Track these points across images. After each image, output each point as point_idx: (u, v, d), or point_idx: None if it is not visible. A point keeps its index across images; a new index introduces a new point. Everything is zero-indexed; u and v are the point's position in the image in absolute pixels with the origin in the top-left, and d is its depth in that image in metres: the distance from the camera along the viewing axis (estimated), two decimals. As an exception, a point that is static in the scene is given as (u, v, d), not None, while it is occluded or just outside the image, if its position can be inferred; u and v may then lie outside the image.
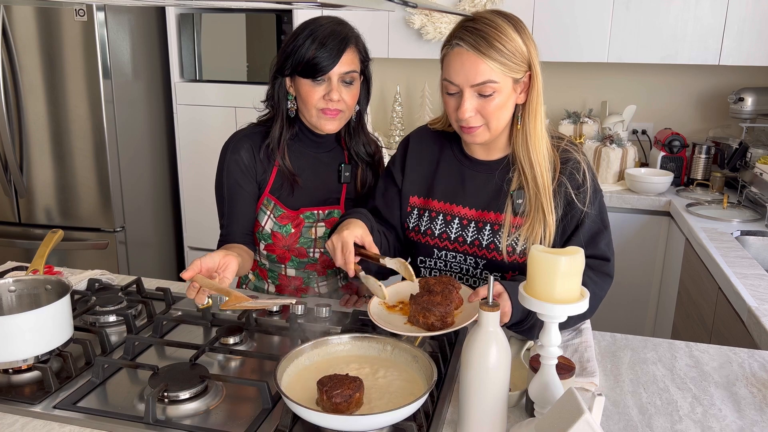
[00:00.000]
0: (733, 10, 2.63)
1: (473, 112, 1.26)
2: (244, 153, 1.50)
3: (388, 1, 1.06)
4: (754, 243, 2.28)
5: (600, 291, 1.33)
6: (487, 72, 1.22)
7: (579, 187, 1.33)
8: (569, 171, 1.33)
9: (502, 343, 0.94)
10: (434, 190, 1.42)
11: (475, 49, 1.21)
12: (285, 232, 1.51)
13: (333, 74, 1.40)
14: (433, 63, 3.27)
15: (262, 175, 1.52)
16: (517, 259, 1.33)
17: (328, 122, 1.45)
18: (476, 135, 1.30)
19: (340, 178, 1.56)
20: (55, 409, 1.05)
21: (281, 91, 1.48)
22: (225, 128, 3.09)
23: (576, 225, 1.33)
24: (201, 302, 1.18)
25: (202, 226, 3.30)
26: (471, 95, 1.24)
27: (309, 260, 1.56)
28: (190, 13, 3.11)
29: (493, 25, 1.22)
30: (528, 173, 1.31)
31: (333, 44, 1.38)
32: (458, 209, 1.39)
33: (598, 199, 1.36)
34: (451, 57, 1.25)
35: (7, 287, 1.23)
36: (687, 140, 2.90)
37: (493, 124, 1.28)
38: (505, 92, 1.25)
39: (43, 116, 2.85)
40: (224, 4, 1.25)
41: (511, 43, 1.22)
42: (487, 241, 1.35)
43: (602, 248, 1.34)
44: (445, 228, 1.39)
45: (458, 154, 1.42)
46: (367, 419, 0.93)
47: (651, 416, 1.08)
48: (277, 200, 1.51)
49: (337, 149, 1.58)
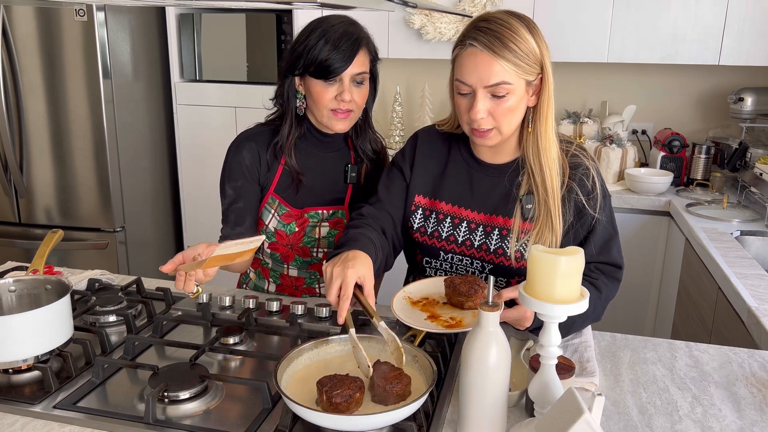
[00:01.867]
0: (733, 10, 2.63)
1: (485, 114, 1.24)
2: (246, 153, 1.50)
3: (388, 1, 1.06)
4: (754, 243, 2.28)
5: (610, 294, 1.33)
6: (501, 73, 1.20)
7: (589, 193, 1.32)
8: (579, 177, 1.32)
9: (502, 343, 0.94)
10: (442, 192, 1.40)
11: (489, 49, 1.19)
12: (289, 231, 1.51)
13: (345, 75, 1.40)
14: (433, 63, 3.30)
15: (266, 175, 1.51)
16: (524, 265, 1.32)
17: (338, 122, 1.45)
18: (488, 138, 1.28)
19: (346, 178, 1.56)
20: (55, 409, 1.05)
21: (290, 90, 1.48)
22: (225, 128, 3.09)
23: (587, 232, 1.33)
24: (190, 290, 1.18)
25: (202, 226, 3.30)
26: (484, 96, 1.23)
27: (312, 260, 1.55)
28: (190, 13, 3.11)
29: (507, 25, 1.20)
30: (537, 177, 1.30)
31: (346, 46, 1.38)
32: (466, 213, 1.37)
33: (607, 205, 1.35)
34: (464, 57, 1.23)
35: (7, 287, 1.23)
36: (687, 140, 2.90)
37: (505, 126, 1.26)
38: (517, 94, 1.23)
39: (43, 116, 2.85)
40: (224, 4, 1.25)
41: (525, 44, 1.21)
42: (495, 246, 1.34)
43: (614, 255, 1.35)
44: (452, 231, 1.38)
45: (467, 156, 1.40)
46: (367, 419, 0.93)
47: (651, 416, 1.08)
48: (281, 199, 1.51)
49: (344, 149, 1.58)
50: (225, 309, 1.44)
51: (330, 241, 1.53)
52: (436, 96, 3.28)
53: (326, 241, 1.53)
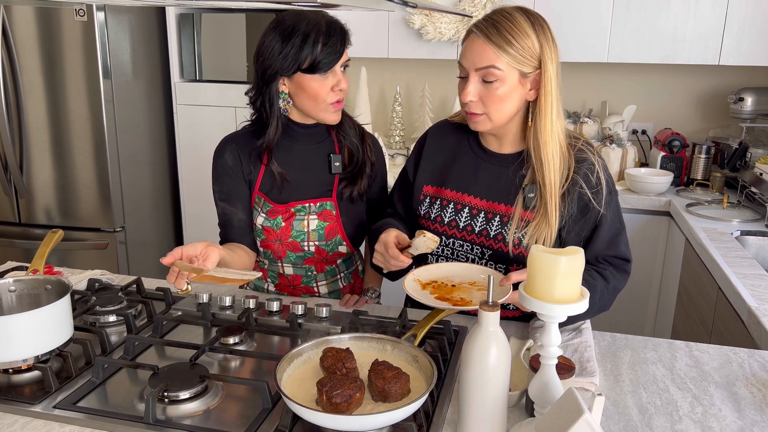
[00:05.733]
0: (733, 10, 2.63)
1: (475, 97, 1.30)
2: (228, 155, 1.53)
3: (388, 1, 1.07)
4: (754, 243, 2.28)
5: (618, 285, 1.36)
6: (491, 58, 1.26)
7: (593, 188, 1.34)
8: (584, 172, 1.34)
9: (502, 343, 0.94)
10: (448, 180, 1.45)
11: (485, 35, 1.27)
12: (275, 226, 1.51)
13: (338, 65, 1.43)
14: (433, 63, 3.29)
15: (250, 174, 1.53)
16: (522, 252, 1.35)
17: (335, 114, 1.49)
18: (478, 122, 1.34)
19: (330, 168, 1.56)
20: (55, 409, 1.05)
21: (274, 93, 1.46)
22: (225, 128, 3.07)
23: (593, 226, 1.36)
24: (180, 287, 1.20)
25: (202, 226, 3.30)
26: (475, 79, 1.29)
27: (305, 254, 1.55)
28: (190, 13, 3.11)
29: (509, 18, 1.27)
30: (538, 171, 1.33)
31: (336, 36, 1.41)
32: (469, 199, 1.41)
33: (614, 201, 1.38)
34: (465, 43, 1.32)
35: (7, 287, 1.23)
36: (687, 140, 2.90)
37: (494, 113, 1.31)
38: (508, 83, 1.28)
39: (43, 116, 2.85)
40: (224, 4, 1.25)
41: (523, 37, 1.26)
42: (495, 232, 1.38)
43: (622, 249, 1.38)
44: (454, 216, 1.42)
45: (474, 146, 1.45)
46: (367, 419, 0.93)
47: (651, 416, 1.08)
48: (266, 197, 1.52)
49: (326, 140, 1.57)
50: (225, 309, 1.44)
51: (320, 234, 1.53)
52: (436, 96, 3.28)
53: (316, 234, 1.53)
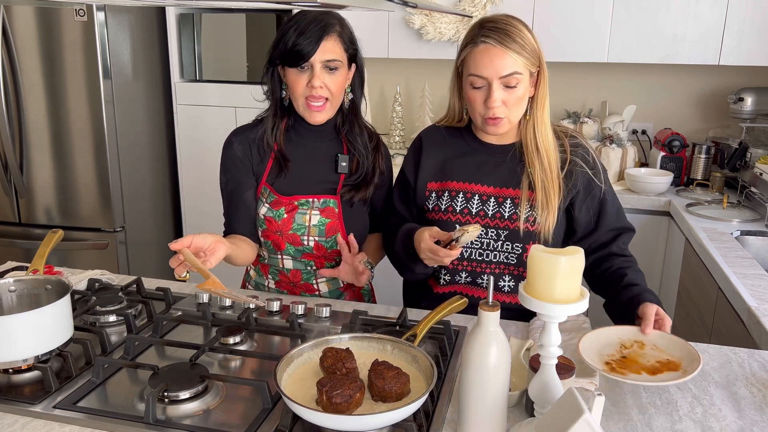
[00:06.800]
0: (733, 10, 2.63)
1: (500, 103, 1.37)
2: (237, 146, 1.56)
3: (388, 1, 1.06)
4: (754, 243, 2.28)
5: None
6: (513, 64, 1.35)
7: (592, 167, 1.47)
8: (580, 154, 1.48)
9: (502, 343, 0.94)
10: (451, 173, 1.50)
11: (501, 44, 1.34)
12: (277, 217, 1.52)
13: (315, 61, 1.43)
14: (433, 63, 3.29)
15: (259, 166, 1.55)
16: (538, 229, 1.43)
17: (313, 114, 1.48)
18: (500, 126, 1.41)
19: (336, 167, 1.56)
20: (55, 409, 1.05)
21: (275, 81, 1.53)
22: (225, 128, 3.06)
23: (600, 203, 1.48)
24: (180, 274, 1.22)
25: (202, 226, 3.29)
26: (498, 87, 1.36)
27: (304, 248, 1.55)
28: (190, 13, 3.10)
29: (511, 24, 1.36)
30: (536, 159, 1.43)
31: (313, 31, 1.41)
32: (477, 187, 1.48)
33: (608, 178, 1.52)
34: (476, 54, 1.36)
35: (7, 287, 1.23)
36: (687, 140, 2.90)
37: (514, 114, 1.40)
38: (525, 84, 1.38)
39: (43, 116, 2.85)
40: (224, 4, 1.25)
41: (527, 39, 1.36)
42: (510, 213, 1.44)
43: (626, 220, 1.53)
44: (466, 204, 1.47)
45: (471, 141, 1.52)
46: (367, 419, 0.93)
47: (651, 416, 1.08)
48: (271, 188, 1.54)
49: (334, 140, 1.59)
50: (225, 309, 1.44)
51: (321, 230, 1.53)
52: (436, 96, 3.28)
53: (317, 229, 1.53)
